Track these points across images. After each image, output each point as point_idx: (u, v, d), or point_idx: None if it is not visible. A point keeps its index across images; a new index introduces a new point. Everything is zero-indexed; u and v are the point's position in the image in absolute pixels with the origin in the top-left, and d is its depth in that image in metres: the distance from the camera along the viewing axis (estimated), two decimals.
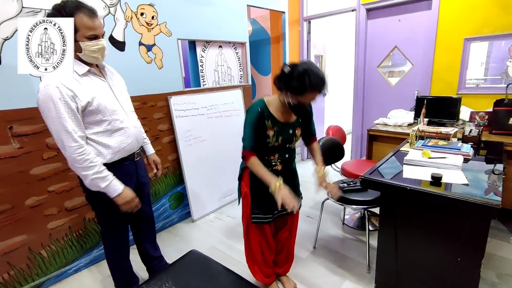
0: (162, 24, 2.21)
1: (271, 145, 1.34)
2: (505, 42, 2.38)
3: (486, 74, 2.53)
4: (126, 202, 1.31)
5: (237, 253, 2.07)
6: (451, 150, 1.74)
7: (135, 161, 1.46)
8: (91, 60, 1.23)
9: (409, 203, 1.39)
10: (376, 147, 2.81)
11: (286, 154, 1.42)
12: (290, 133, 1.38)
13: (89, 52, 1.19)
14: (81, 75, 1.21)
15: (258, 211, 1.43)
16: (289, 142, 1.39)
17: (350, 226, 2.39)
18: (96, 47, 1.19)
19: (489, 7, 2.37)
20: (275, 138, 1.33)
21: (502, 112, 2.20)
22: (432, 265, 1.39)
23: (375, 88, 3.28)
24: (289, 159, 1.45)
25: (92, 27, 1.17)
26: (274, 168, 1.40)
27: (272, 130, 1.31)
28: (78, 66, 1.20)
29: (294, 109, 1.29)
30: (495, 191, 1.25)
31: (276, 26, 3.63)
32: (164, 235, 2.38)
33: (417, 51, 2.88)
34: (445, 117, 2.53)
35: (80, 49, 1.17)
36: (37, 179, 1.72)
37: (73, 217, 1.90)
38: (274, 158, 1.39)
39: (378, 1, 2.96)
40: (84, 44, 1.16)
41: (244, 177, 1.47)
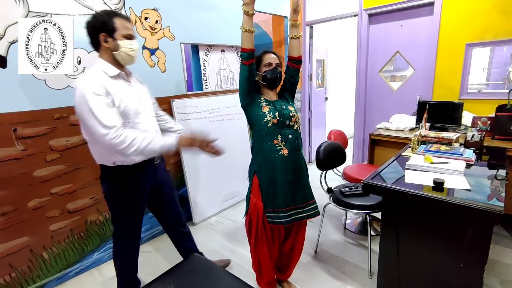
0: (166, 29, 2.23)
1: (270, 125, 1.37)
2: (507, 48, 2.39)
3: (488, 80, 2.53)
4: (192, 143, 1.31)
5: (238, 257, 2.06)
6: (453, 156, 1.74)
7: (154, 164, 1.47)
8: (126, 59, 1.28)
9: (411, 208, 1.39)
10: (378, 152, 2.81)
11: (288, 134, 1.41)
12: (284, 108, 1.43)
13: (126, 50, 1.25)
14: (112, 77, 1.25)
15: (272, 209, 1.40)
16: (286, 118, 1.40)
17: (351, 231, 2.38)
18: (132, 47, 1.27)
19: (491, 12, 2.38)
20: (272, 114, 1.38)
21: (504, 117, 2.20)
22: (434, 271, 1.38)
23: (377, 93, 3.29)
24: (293, 142, 1.42)
25: (129, 28, 1.27)
26: (280, 153, 1.38)
27: (267, 107, 1.40)
28: (110, 69, 1.25)
29: (270, 80, 1.44)
30: (498, 196, 1.24)
31: (278, 31, 3.65)
32: (165, 238, 2.36)
33: (419, 56, 2.89)
34: (447, 122, 2.52)
35: (117, 47, 1.24)
36: (40, 181, 1.73)
37: (75, 219, 1.91)
38: (278, 141, 1.39)
39: (380, 7, 2.98)
40: (122, 41, 1.23)
41: (253, 188, 1.46)
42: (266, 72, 1.44)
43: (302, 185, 1.44)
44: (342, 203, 1.91)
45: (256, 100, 1.44)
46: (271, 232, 1.45)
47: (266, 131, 1.39)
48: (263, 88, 1.50)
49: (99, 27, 1.21)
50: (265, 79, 1.44)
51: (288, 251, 1.60)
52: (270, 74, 1.43)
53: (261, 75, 1.45)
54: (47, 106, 1.72)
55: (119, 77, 1.29)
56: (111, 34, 1.22)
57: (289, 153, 1.40)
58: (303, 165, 1.48)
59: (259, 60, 1.46)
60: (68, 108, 1.79)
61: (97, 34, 1.22)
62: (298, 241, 1.59)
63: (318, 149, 1.99)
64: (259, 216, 1.42)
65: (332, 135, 2.41)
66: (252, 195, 1.46)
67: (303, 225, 1.58)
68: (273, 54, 1.47)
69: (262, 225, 1.42)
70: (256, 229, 1.45)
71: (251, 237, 1.51)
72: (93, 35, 1.23)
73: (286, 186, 1.39)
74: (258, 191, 1.43)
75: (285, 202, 1.39)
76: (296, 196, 1.42)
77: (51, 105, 1.74)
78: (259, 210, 1.42)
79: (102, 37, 1.22)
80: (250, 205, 1.47)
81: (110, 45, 1.24)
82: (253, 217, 1.45)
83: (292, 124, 1.43)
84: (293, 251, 1.60)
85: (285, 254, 1.61)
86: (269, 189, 1.39)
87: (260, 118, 1.39)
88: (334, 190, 2.05)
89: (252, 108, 1.43)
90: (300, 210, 1.43)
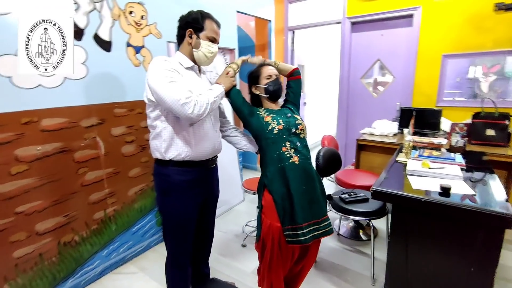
0: (152, 25, 2.03)
1: (276, 132, 1.31)
2: (478, 60, 2.60)
3: (461, 89, 2.73)
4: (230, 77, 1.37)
5: (236, 272, 1.92)
6: (446, 160, 1.81)
7: (208, 169, 1.42)
8: (202, 59, 1.32)
9: (421, 214, 1.40)
10: (364, 156, 2.87)
11: (296, 141, 1.33)
12: (289, 116, 1.38)
13: (205, 50, 1.29)
14: (186, 68, 1.29)
15: (290, 227, 1.26)
16: (292, 126, 1.34)
17: (345, 236, 2.38)
18: (211, 49, 1.31)
19: (465, 27, 2.57)
20: (276, 121, 1.33)
21: (480, 123, 2.38)
22: (444, 276, 1.39)
23: (358, 99, 3.39)
24: (302, 149, 1.34)
25: (216, 32, 1.33)
26: (291, 161, 1.29)
27: (269, 116, 1.36)
28: (185, 60, 1.30)
29: (273, 91, 1.40)
30: (506, 201, 1.29)
31: (261, 34, 3.60)
32: (151, 255, 2.15)
33: (399, 65, 3.03)
34: (427, 128, 2.67)
35: (198, 46, 1.29)
36: (2, 198, 1.44)
37: (45, 242, 1.62)
38: (287, 148, 1.31)
39: (362, 16, 3.08)
40: (205, 42, 1.29)
41: (265, 207, 1.33)
42: (268, 84, 1.40)
43: (316, 196, 1.34)
44: (344, 210, 1.89)
45: (255, 113, 1.39)
46: (286, 252, 1.33)
47: (272, 139, 1.31)
48: (265, 101, 1.45)
49: (189, 22, 1.28)
50: (268, 91, 1.40)
51: (298, 271, 1.49)
52: (272, 86, 1.39)
53: (263, 88, 1.40)
54: (12, 109, 1.44)
55: (191, 69, 1.33)
56: (197, 32, 1.28)
57: (300, 160, 1.32)
58: (315, 175, 1.39)
59: (257, 74, 1.43)
60: (39, 111, 1.52)
61: (185, 29, 1.28)
62: (309, 261, 1.47)
63: (317, 155, 1.95)
64: (274, 239, 1.29)
65: (326, 141, 2.40)
66: (265, 215, 1.33)
67: (317, 244, 1.45)
68: (270, 66, 1.45)
69: (277, 247, 1.30)
70: (271, 253, 1.31)
71: (263, 261, 1.37)
72: (181, 28, 1.30)
73: (302, 198, 1.28)
74: (271, 210, 1.30)
75: (304, 218, 1.27)
76: (312, 209, 1.31)
77: (18, 107, 1.46)
78: (274, 232, 1.29)
79: (188, 32, 1.28)
80: (263, 227, 1.33)
81: (192, 41, 1.29)
82: (267, 240, 1.31)
83: (299, 132, 1.36)
84: (302, 270, 1.50)
85: (295, 274, 1.50)
86: (285, 203, 1.27)
87: (264, 127, 1.32)
88: (333, 197, 2.02)
89: (252, 119, 1.37)
90: (316, 227, 1.32)
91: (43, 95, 1.54)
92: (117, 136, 1.92)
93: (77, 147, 1.70)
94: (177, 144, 1.26)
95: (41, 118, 1.53)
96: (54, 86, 1.57)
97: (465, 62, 2.66)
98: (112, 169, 1.91)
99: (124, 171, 1.99)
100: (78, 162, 1.72)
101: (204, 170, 1.39)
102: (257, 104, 1.48)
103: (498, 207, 1.23)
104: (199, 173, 1.36)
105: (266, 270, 1.35)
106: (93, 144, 1.78)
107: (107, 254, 1.94)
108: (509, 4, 2.37)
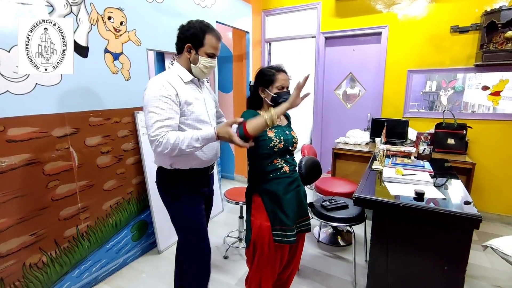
0: (131, 32, 1.97)
1: (276, 150, 1.32)
2: (438, 76, 2.87)
3: (424, 101, 2.98)
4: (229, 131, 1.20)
5: (220, 285, 1.87)
6: (417, 168, 1.95)
7: (208, 174, 1.47)
8: (199, 73, 1.34)
9: (399, 219, 1.49)
10: (339, 164, 3.00)
11: (287, 155, 1.39)
12: (287, 134, 1.39)
13: (202, 66, 1.30)
14: (186, 82, 1.31)
15: (279, 227, 1.31)
16: (290, 144, 1.38)
17: (324, 242, 2.44)
18: (210, 65, 1.32)
19: (426, 46, 2.84)
20: (278, 139, 1.32)
21: (441, 133, 2.61)
22: (421, 276, 1.49)
23: (332, 110, 3.55)
24: (291, 161, 1.41)
25: (216, 47, 1.31)
26: (283, 171, 1.34)
27: (272, 131, 1.34)
28: (185, 74, 1.31)
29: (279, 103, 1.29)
30: (472, 204, 1.43)
31: (239, 45, 3.65)
32: (126, 272, 2.01)
33: (369, 78, 3.24)
34: (396, 137, 2.86)
35: (196, 61, 1.30)
36: None
37: (8, 265, 1.45)
38: (278, 160, 1.35)
39: (335, 31, 3.26)
40: (203, 58, 1.29)
41: (254, 209, 1.36)
42: (277, 94, 1.33)
43: (301, 199, 1.42)
44: (326, 217, 1.94)
45: None
46: (275, 254, 1.35)
47: (267, 154, 1.33)
48: (267, 107, 1.37)
49: (188, 38, 1.27)
50: (275, 101, 1.34)
51: (286, 279, 1.54)
52: (281, 98, 1.32)
53: (270, 95, 1.34)
54: None
55: (191, 83, 1.35)
56: (196, 48, 1.28)
57: (290, 170, 1.38)
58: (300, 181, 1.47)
59: (271, 79, 1.34)
60: (4, 120, 1.39)
61: (184, 43, 1.28)
62: (295, 266, 1.54)
63: (299, 164, 2.00)
64: (264, 238, 1.32)
65: (306, 150, 2.47)
66: (254, 217, 1.35)
67: (301, 248, 1.52)
68: (286, 74, 1.38)
69: (267, 246, 1.32)
70: (261, 251, 1.33)
71: (253, 265, 1.38)
72: (180, 41, 1.30)
73: (292, 203, 1.34)
74: (261, 211, 1.33)
75: (294, 220, 1.33)
76: (299, 211, 1.38)
77: None
78: (264, 232, 1.31)
79: (187, 47, 1.28)
80: (253, 229, 1.35)
81: (191, 57, 1.29)
82: (258, 242, 1.33)
83: (292, 149, 1.42)
84: (290, 276, 1.55)
85: (283, 282, 1.53)
86: (275, 207, 1.31)
87: (267, 142, 1.31)
88: (315, 204, 2.07)
89: None
90: (300, 225, 1.41)
91: (11, 102, 1.41)
92: (92, 146, 1.81)
93: (48, 159, 1.57)
94: (185, 156, 1.29)
95: (8, 128, 1.40)
96: (23, 93, 1.45)
97: (427, 77, 2.92)
98: (86, 181, 1.79)
99: (99, 184, 1.87)
100: (48, 175, 1.59)
101: (206, 175, 1.45)
102: (256, 102, 1.41)
103: (467, 209, 1.36)
104: (202, 179, 1.42)
105: (255, 267, 1.37)
106: (66, 155, 1.66)
107: (78, 275, 1.79)
108: (462, 27, 2.66)
